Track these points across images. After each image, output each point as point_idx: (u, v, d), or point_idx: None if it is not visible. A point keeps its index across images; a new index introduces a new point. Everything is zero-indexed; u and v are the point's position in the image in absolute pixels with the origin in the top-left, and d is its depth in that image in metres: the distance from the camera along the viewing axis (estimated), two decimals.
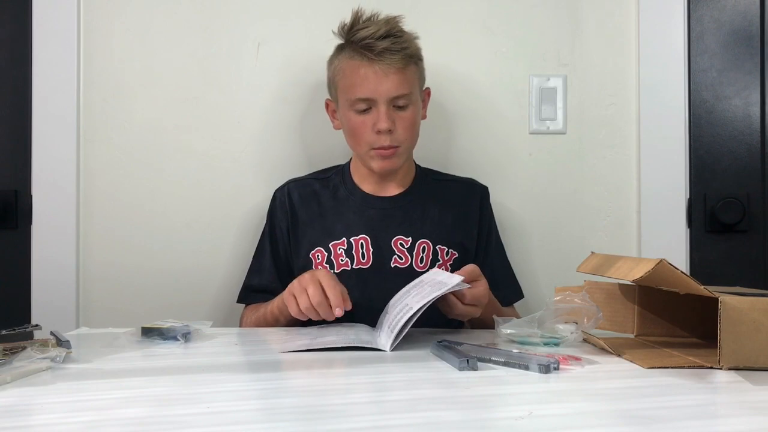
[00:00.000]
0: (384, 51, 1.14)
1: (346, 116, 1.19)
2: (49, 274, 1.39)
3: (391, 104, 1.16)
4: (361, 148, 1.19)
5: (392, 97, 1.15)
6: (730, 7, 1.49)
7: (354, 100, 1.16)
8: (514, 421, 0.55)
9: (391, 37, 1.15)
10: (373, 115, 1.16)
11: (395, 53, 1.14)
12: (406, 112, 1.18)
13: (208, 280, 1.43)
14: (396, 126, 1.16)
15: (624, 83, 1.49)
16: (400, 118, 1.17)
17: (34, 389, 0.67)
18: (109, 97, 1.42)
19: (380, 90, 1.15)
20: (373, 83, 1.14)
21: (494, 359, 0.77)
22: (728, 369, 0.73)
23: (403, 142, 1.19)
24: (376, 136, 1.16)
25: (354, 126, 1.18)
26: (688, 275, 0.76)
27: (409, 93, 1.17)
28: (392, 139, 1.17)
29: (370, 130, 1.16)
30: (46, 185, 1.40)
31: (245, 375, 0.78)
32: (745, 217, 1.47)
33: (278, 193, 1.29)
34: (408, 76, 1.17)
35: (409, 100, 1.18)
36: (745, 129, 1.49)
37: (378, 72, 1.14)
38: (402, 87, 1.16)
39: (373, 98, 1.15)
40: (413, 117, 1.19)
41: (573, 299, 0.90)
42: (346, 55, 1.18)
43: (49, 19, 1.40)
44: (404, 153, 1.21)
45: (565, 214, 1.49)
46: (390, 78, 1.14)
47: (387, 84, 1.14)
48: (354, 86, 1.16)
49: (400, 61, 1.15)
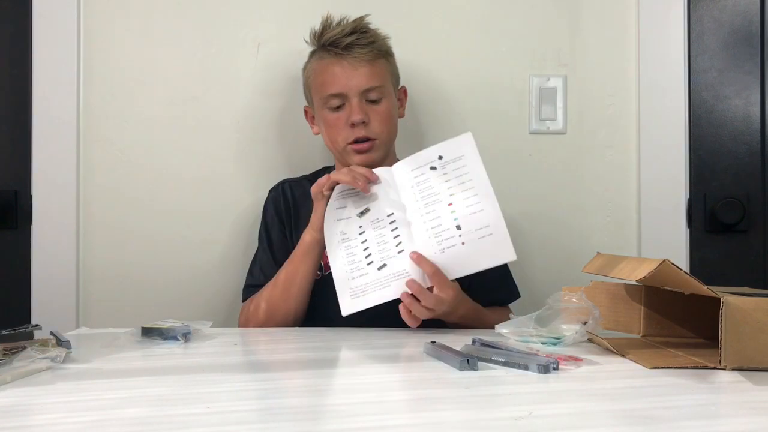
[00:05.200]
0: (351, 45, 1.17)
1: (322, 116, 1.21)
2: (49, 274, 1.39)
3: (364, 98, 1.18)
4: (338, 144, 1.20)
5: (363, 89, 1.17)
6: (730, 7, 1.49)
7: (326, 96, 1.18)
8: (514, 421, 0.55)
9: (356, 33, 1.18)
10: (346, 111, 1.18)
11: (362, 47, 1.17)
12: (379, 105, 1.19)
13: (208, 280, 1.42)
14: (370, 119, 1.18)
15: (624, 83, 1.49)
16: (374, 111, 1.19)
17: (34, 389, 0.67)
18: (109, 97, 1.42)
19: (351, 84, 1.17)
20: (344, 78, 1.17)
21: (494, 359, 0.77)
22: (732, 369, 0.73)
23: (380, 134, 1.19)
24: (350, 130, 1.17)
25: (329, 123, 1.20)
26: (691, 275, 0.76)
27: (381, 86, 1.19)
28: (367, 131, 1.17)
29: (344, 125, 1.18)
30: (46, 185, 1.40)
31: (245, 375, 0.78)
32: (745, 217, 1.47)
33: (273, 192, 1.31)
34: (378, 69, 1.19)
35: (381, 93, 1.19)
36: (745, 129, 1.49)
37: (346, 66, 1.17)
38: (372, 80, 1.17)
39: (344, 93, 1.17)
40: (388, 110, 1.20)
41: (570, 299, 0.89)
42: (316, 57, 1.23)
43: (49, 19, 1.40)
44: (382, 146, 1.21)
45: (565, 214, 1.49)
46: (359, 71, 1.17)
47: (357, 78, 1.17)
48: (325, 83, 1.19)
49: (368, 54, 1.18)
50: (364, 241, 1.04)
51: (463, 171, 1.03)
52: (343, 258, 1.04)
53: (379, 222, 1.05)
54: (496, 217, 0.99)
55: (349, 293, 1.01)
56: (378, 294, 1.00)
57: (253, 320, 1.16)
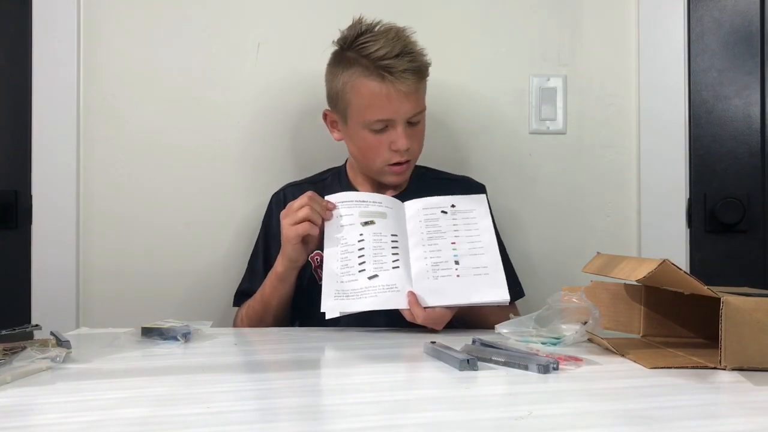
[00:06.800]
0: (405, 72, 1.11)
1: (360, 135, 1.17)
2: (49, 273, 1.39)
3: (407, 121, 1.15)
4: (375, 165, 1.19)
5: (410, 116, 1.15)
6: (730, 7, 1.49)
7: (372, 121, 1.14)
8: (514, 421, 0.55)
9: (407, 56, 1.12)
10: (389, 134, 1.15)
11: (414, 73, 1.12)
12: (418, 126, 1.18)
13: (208, 280, 1.42)
14: (411, 141, 1.16)
15: (624, 83, 1.49)
16: (414, 132, 1.18)
17: (34, 389, 0.67)
18: (109, 97, 1.42)
19: (401, 111, 1.13)
20: (395, 105, 1.12)
21: (494, 359, 0.77)
22: (732, 369, 0.73)
23: (416, 155, 1.21)
24: (392, 153, 1.16)
25: (370, 145, 1.17)
26: (691, 275, 0.76)
27: (424, 108, 1.18)
28: (408, 154, 1.17)
29: (386, 149, 1.16)
30: (46, 185, 1.40)
31: (245, 375, 0.78)
32: (745, 217, 1.47)
33: (274, 198, 1.30)
34: (422, 92, 1.17)
35: (422, 116, 1.18)
36: (745, 129, 1.49)
37: (399, 93, 1.12)
38: (418, 105, 1.16)
39: (392, 119, 1.14)
40: (423, 129, 1.21)
41: (570, 299, 0.89)
42: (359, 72, 1.13)
43: (49, 19, 1.40)
44: (414, 163, 1.22)
45: (565, 214, 1.49)
46: (410, 99, 1.13)
47: (407, 105, 1.13)
48: (372, 107, 1.13)
49: (417, 81, 1.13)
50: (361, 248, 1.05)
51: (472, 222, 1.07)
52: (337, 259, 1.05)
53: (380, 236, 1.06)
54: (495, 263, 1.02)
55: (334, 294, 1.01)
56: (363, 302, 0.99)
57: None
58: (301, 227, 1.05)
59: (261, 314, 1.16)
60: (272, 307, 1.14)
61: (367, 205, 1.10)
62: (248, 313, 1.18)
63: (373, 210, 1.09)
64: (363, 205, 1.10)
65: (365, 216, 1.08)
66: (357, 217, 1.08)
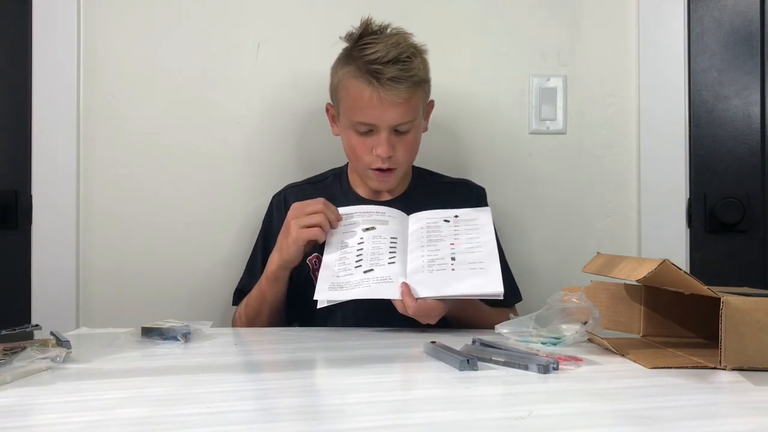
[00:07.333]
0: (391, 80, 1.08)
1: (347, 134, 1.18)
2: (49, 274, 1.39)
3: (393, 129, 1.14)
4: (359, 165, 1.19)
5: (395, 125, 1.13)
6: (730, 7, 1.49)
7: (356, 122, 1.14)
8: (514, 421, 0.55)
9: (399, 64, 1.09)
10: (373, 139, 1.14)
11: (402, 82, 1.09)
12: (407, 136, 1.16)
13: (208, 279, 1.42)
14: (396, 149, 1.15)
15: (624, 83, 1.49)
16: (401, 141, 1.16)
17: (34, 389, 0.67)
18: (109, 97, 1.42)
19: (384, 118, 1.12)
20: (378, 111, 1.11)
21: (494, 359, 0.77)
22: (732, 369, 0.73)
23: (402, 164, 1.18)
24: (374, 157, 1.15)
25: (354, 145, 1.17)
26: (691, 275, 0.76)
27: (413, 119, 1.14)
28: (391, 162, 1.16)
29: (369, 152, 1.15)
30: (46, 185, 1.40)
31: (245, 375, 0.78)
32: (745, 217, 1.47)
33: (275, 199, 1.30)
34: (413, 103, 1.13)
35: (411, 126, 1.15)
36: (745, 129, 1.49)
37: (383, 100, 1.10)
38: (406, 116, 1.13)
39: (375, 124, 1.13)
40: (414, 140, 1.18)
41: (570, 299, 0.89)
42: (351, 71, 1.13)
43: (49, 19, 1.40)
44: (401, 172, 1.21)
45: (565, 214, 1.49)
46: (395, 108, 1.11)
47: (391, 113, 1.11)
48: (356, 109, 1.13)
49: (407, 91, 1.10)
50: (359, 250, 1.06)
51: (474, 231, 1.07)
52: (335, 259, 1.06)
53: (380, 239, 1.07)
54: (492, 260, 1.01)
55: (329, 285, 1.02)
56: (356, 291, 1.00)
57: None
58: (311, 232, 1.05)
59: (257, 311, 1.16)
60: (268, 304, 1.15)
61: (371, 214, 1.12)
62: (246, 311, 1.19)
63: (376, 218, 1.11)
64: (367, 215, 1.12)
65: (367, 223, 1.10)
66: (360, 224, 1.10)
